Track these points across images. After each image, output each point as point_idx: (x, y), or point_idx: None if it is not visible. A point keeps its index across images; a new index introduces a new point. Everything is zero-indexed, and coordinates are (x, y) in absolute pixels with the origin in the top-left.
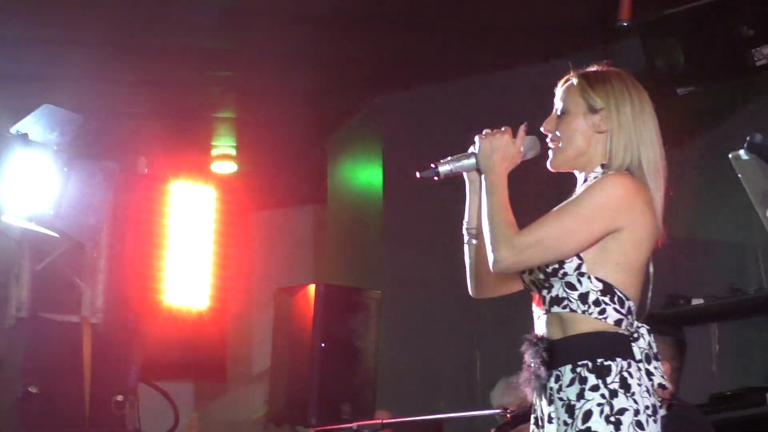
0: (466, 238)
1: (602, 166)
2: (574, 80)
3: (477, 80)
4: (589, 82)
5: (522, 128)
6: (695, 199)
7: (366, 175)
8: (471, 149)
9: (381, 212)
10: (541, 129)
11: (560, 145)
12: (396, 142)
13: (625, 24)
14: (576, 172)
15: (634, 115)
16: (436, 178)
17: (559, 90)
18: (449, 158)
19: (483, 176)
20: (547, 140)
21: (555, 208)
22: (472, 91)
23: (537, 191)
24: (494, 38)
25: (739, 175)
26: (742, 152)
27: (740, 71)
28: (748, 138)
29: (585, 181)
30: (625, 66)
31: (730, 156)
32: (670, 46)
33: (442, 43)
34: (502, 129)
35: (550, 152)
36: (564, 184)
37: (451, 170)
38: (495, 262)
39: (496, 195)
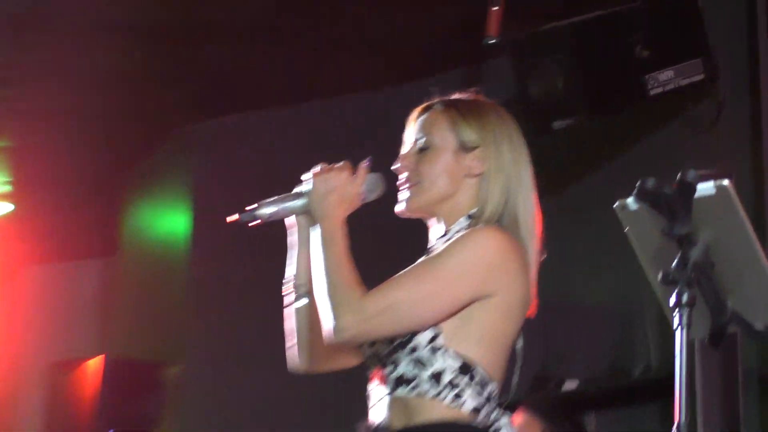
0: (292, 297)
1: (469, 216)
2: (441, 109)
3: (314, 105)
4: (461, 113)
5: (364, 164)
6: (572, 258)
7: (170, 221)
8: (300, 188)
9: (187, 267)
10: (394, 166)
11: (420, 186)
12: (209, 180)
13: (494, 41)
14: (431, 221)
15: (513, 157)
16: (255, 222)
17: (419, 119)
18: (273, 198)
19: (316, 221)
20: (400, 178)
21: (411, 267)
22: (307, 119)
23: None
24: (338, 56)
25: (626, 229)
26: (630, 201)
27: (631, 101)
28: (638, 183)
29: (445, 234)
30: (492, 93)
31: (615, 206)
32: (547, 69)
33: (273, 61)
34: (340, 164)
35: (403, 193)
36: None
37: (274, 213)
38: (336, 330)
39: (333, 246)
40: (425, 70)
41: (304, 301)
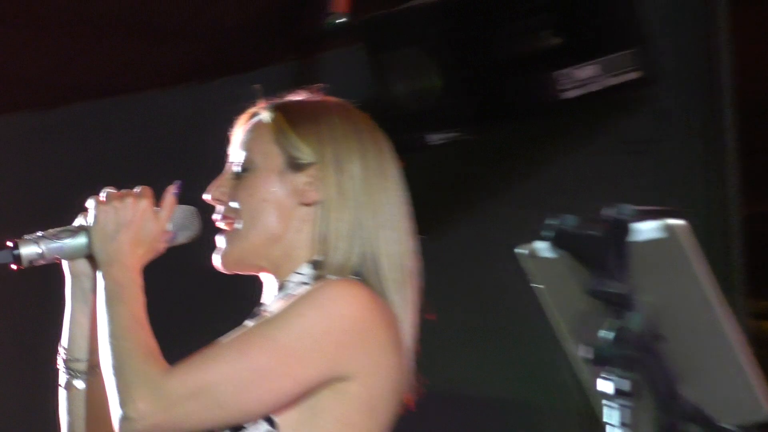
0: (64, 377)
1: (313, 264)
2: (266, 115)
3: (105, 106)
4: (290, 119)
5: (171, 191)
6: (460, 324)
7: None
8: (80, 221)
9: None
10: (205, 196)
11: (238, 225)
12: None
13: (342, 21)
14: (264, 275)
15: (367, 177)
16: (15, 266)
17: (239, 132)
18: (42, 233)
19: (101, 269)
20: (215, 215)
21: (234, 335)
22: (97, 123)
23: None
24: (138, 43)
25: (534, 284)
26: (540, 245)
27: (536, 107)
28: (551, 221)
29: (280, 289)
30: (341, 94)
31: (519, 251)
32: (417, 61)
33: (56, 51)
34: (136, 190)
35: (220, 239)
36: None
37: (43, 254)
38: (127, 419)
39: (124, 303)
40: (250, 60)
41: (80, 383)
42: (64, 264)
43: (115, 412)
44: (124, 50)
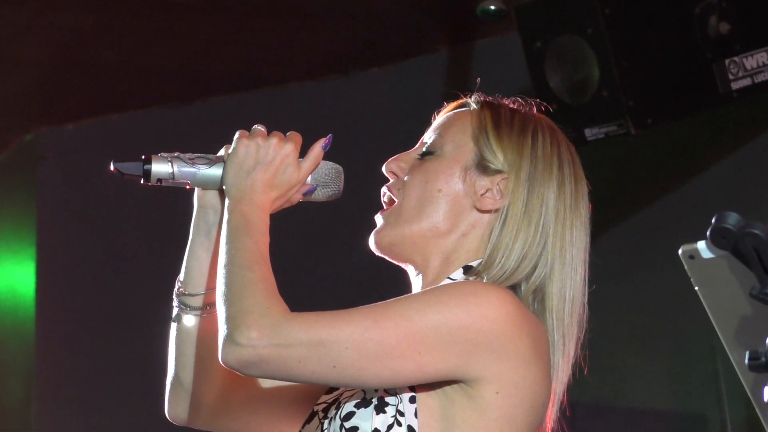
0: (176, 310)
1: (466, 270)
2: (473, 108)
3: (242, 98)
4: (496, 120)
5: (320, 143)
6: (616, 330)
7: (6, 267)
8: (223, 152)
9: (32, 332)
10: (384, 168)
11: (403, 206)
12: (62, 205)
13: (494, 8)
14: (412, 270)
15: (559, 207)
16: (143, 180)
17: (443, 117)
18: (178, 154)
19: (228, 202)
20: (383, 189)
21: (369, 305)
22: (233, 118)
23: None
24: (277, 28)
25: (696, 287)
26: (701, 245)
27: (701, 100)
28: (714, 220)
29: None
30: (493, 87)
31: (680, 251)
32: (574, 51)
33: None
34: (287, 134)
35: (378, 217)
36: None
37: (173, 174)
38: (235, 344)
39: (251, 237)
40: (400, 50)
41: (190, 320)
42: (195, 193)
43: (222, 338)
44: (266, 38)
